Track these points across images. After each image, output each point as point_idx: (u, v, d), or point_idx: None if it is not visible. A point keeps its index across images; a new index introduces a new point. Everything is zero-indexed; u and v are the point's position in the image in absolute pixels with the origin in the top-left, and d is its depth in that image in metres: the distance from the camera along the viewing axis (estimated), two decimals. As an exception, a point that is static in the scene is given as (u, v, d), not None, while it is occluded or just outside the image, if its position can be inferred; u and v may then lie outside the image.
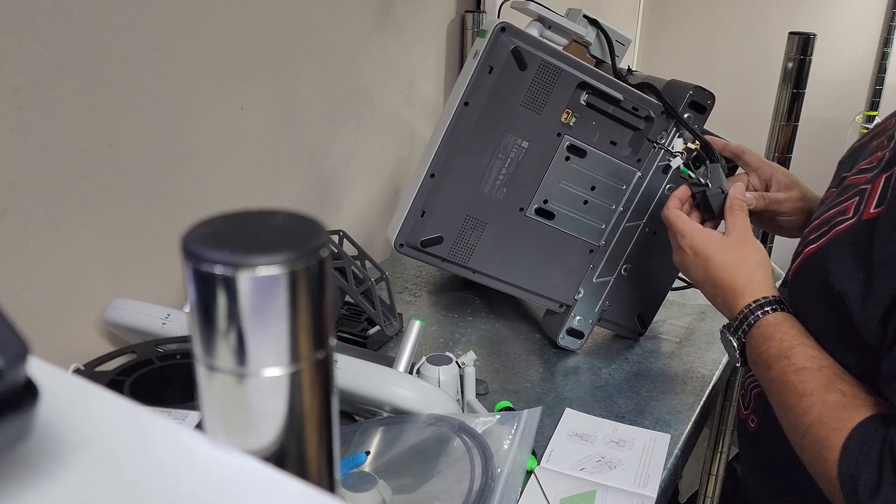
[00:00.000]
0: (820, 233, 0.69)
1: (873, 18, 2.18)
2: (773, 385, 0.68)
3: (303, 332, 0.25)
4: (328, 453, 0.28)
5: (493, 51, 0.91)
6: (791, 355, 0.67)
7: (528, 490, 0.76)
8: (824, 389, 0.63)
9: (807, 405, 0.63)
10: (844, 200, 0.69)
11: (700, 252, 0.81)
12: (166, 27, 0.91)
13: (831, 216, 0.69)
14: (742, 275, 0.77)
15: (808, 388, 0.64)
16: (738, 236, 0.82)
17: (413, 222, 0.96)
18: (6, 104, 0.76)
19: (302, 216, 0.26)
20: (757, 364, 0.72)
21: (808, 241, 0.71)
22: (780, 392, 0.67)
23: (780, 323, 0.71)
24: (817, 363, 0.66)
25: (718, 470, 1.27)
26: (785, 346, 0.68)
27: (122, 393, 0.71)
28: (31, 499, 0.22)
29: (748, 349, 0.74)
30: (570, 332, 1.05)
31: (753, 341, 0.73)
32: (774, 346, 0.69)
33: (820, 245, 0.68)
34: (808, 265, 0.70)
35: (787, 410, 0.66)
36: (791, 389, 0.65)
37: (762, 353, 0.71)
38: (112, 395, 0.27)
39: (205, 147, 1.01)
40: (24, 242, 0.81)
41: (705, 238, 0.82)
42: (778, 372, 0.67)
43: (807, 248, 0.70)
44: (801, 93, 1.22)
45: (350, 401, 0.78)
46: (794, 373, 0.66)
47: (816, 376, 0.64)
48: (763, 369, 0.70)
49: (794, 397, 0.65)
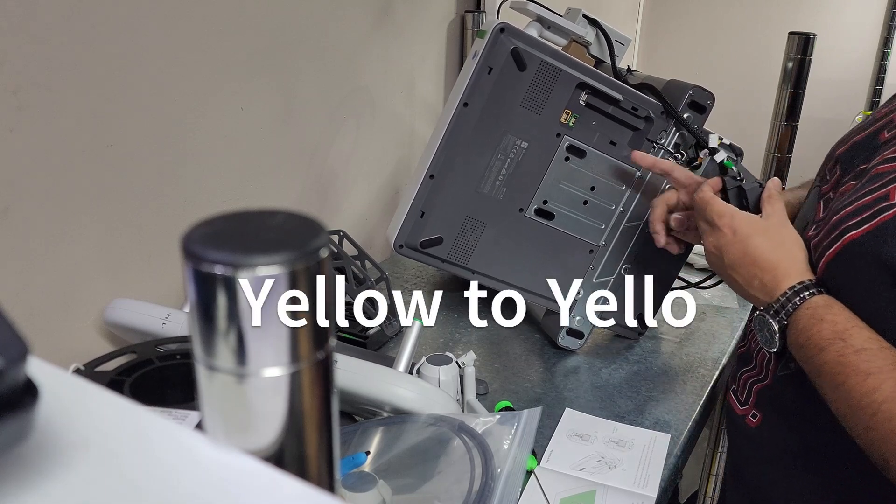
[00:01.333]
0: (860, 219, 0.69)
1: (873, 18, 2.18)
2: (826, 367, 0.67)
3: (303, 332, 0.25)
4: (328, 453, 0.28)
5: (492, 51, 0.91)
6: (847, 337, 0.66)
7: (528, 490, 0.76)
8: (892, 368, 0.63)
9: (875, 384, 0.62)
10: (880, 187, 0.69)
11: (740, 231, 0.80)
12: (166, 27, 0.91)
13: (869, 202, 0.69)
14: (784, 256, 0.76)
15: (873, 366, 0.63)
16: (779, 219, 0.81)
17: (413, 223, 0.96)
18: (6, 104, 0.76)
19: (302, 216, 0.26)
20: (805, 347, 0.70)
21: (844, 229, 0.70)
22: (836, 374, 0.66)
23: (831, 305, 0.70)
24: (877, 344, 0.65)
25: (718, 470, 1.27)
26: (839, 329, 0.67)
27: (122, 393, 0.71)
28: (31, 499, 0.22)
29: (792, 332, 0.72)
30: (570, 332, 1.05)
31: (801, 324, 0.71)
32: (827, 328, 0.68)
33: (865, 230, 0.67)
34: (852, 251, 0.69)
35: (849, 391, 0.64)
36: (853, 369, 0.64)
37: (813, 336, 0.69)
38: (112, 395, 0.27)
39: (205, 147, 1.01)
40: (24, 242, 0.81)
41: (746, 218, 0.81)
42: (834, 353, 0.66)
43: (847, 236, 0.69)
44: (801, 93, 1.22)
45: (350, 401, 0.78)
46: (854, 353, 0.65)
47: (879, 356, 0.64)
48: (815, 351, 0.69)
49: (858, 376, 0.64)
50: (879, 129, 0.77)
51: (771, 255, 0.77)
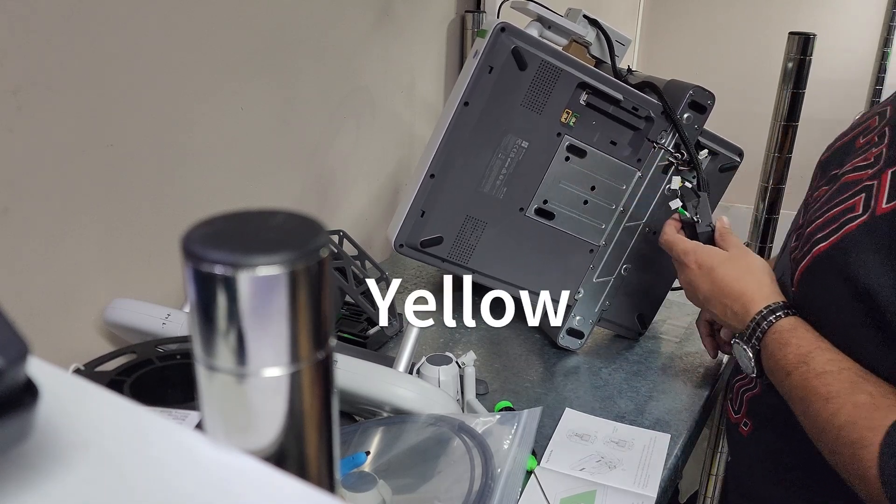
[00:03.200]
0: (828, 231, 0.69)
1: (873, 18, 2.18)
2: (794, 392, 0.68)
3: (303, 332, 0.25)
4: (328, 453, 0.28)
5: (492, 51, 0.91)
6: (809, 360, 0.67)
7: (528, 490, 0.76)
8: (850, 391, 0.63)
9: (835, 408, 0.63)
10: (848, 198, 0.68)
11: (704, 264, 0.83)
12: (166, 27, 0.91)
13: (837, 214, 0.68)
14: (750, 282, 0.78)
15: (832, 391, 0.63)
16: (739, 250, 0.84)
17: (413, 222, 0.96)
18: (6, 104, 0.76)
19: (302, 216, 0.26)
20: (775, 372, 0.71)
21: (814, 241, 0.70)
22: (803, 398, 0.66)
23: (796, 328, 0.71)
24: (837, 366, 0.65)
25: (718, 470, 1.27)
26: (803, 352, 0.68)
27: (122, 393, 0.71)
28: (31, 499, 0.22)
29: (764, 357, 0.73)
30: (570, 332, 1.05)
31: (769, 349, 0.72)
32: (792, 351, 0.69)
33: (831, 243, 0.67)
34: (819, 264, 0.69)
35: (814, 416, 0.65)
36: (814, 394, 0.65)
37: (780, 360, 0.70)
38: (112, 395, 0.27)
39: (205, 147, 1.01)
40: (24, 242, 0.81)
41: (708, 251, 0.84)
42: (798, 378, 0.67)
43: (815, 248, 0.70)
44: (801, 93, 1.21)
45: (350, 401, 0.78)
46: (815, 377, 0.65)
47: (839, 378, 0.64)
48: (783, 376, 0.69)
49: (820, 402, 0.64)
50: (857, 135, 0.77)
51: (736, 283, 0.79)
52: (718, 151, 1.05)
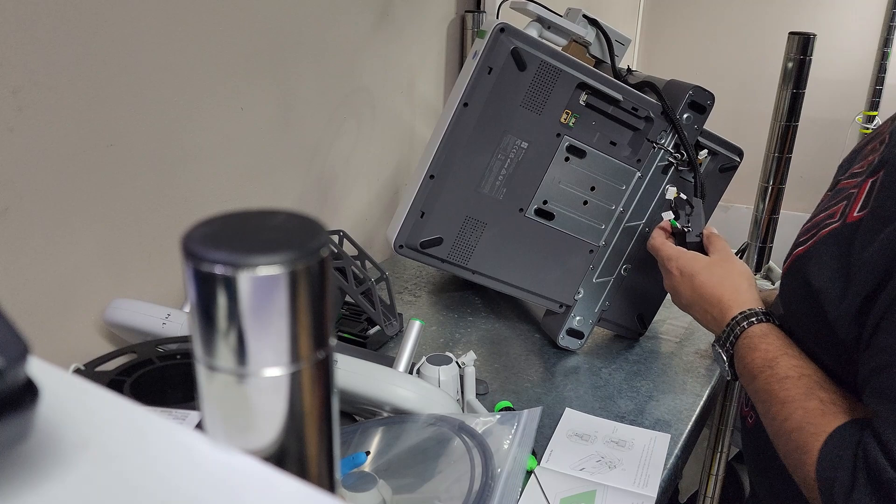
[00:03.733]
0: (808, 235, 0.71)
1: (873, 18, 2.18)
2: (758, 395, 0.70)
3: (303, 332, 0.25)
4: (328, 453, 0.28)
5: (492, 51, 0.91)
6: (774, 365, 0.69)
7: (528, 490, 0.76)
8: (804, 397, 0.65)
9: (788, 412, 0.65)
10: (834, 204, 0.71)
11: (686, 271, 0.85)
12: (166, 27, 0.91)
13: (821, 220, 0.71)
14: (728, 288, 0.80)
15: (789, 395, 0.66)
16: (722, 255, 0.86)
17: (413, 223, 0.96)
18: (6, 104, 0.76)
19: (302, 216, 0.26)
20: (743, 375, 0.74)
21: (797, 244, 0.73)
22: (764, 401, 0.69)
23: (766, 334, 0.73)
24: (798, 372, 0.67)
25: (718, 470, 1.27)
26: (769, 357, 0.70)
27: (122, 393, 0.71)
28: (31, 499, 0.22)
29: (736, 361, 0.76)
30: (570, 332, 1.05)
31: (740, 352, 0.75)
32: (759, 356, 0.71)
33: (807, 247, 0.70)
34: (794, 266, 0.72)
35: (772, 419, 0.68)
36: (774, 398, 0.67)
37: (748, 364, 0.73)
38: (112, 395, 0.27)
39: (205, 147, 1.01)
40: (24, 242, 0.81)
41: (690, 257, 0.86)
42: (763, 382, 0.70)
43: (796, 250, 0.73)
44: (801, 93, 1.21)
45: (350, 401, 0.78)
46: (776, 382, 0.68)
47: (797, 384, 0.66)
48: (749, 379, 0.72)
49: (777, 405, 0.67)
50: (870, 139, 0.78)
51: (715, 289, 0.81)
52: (718, 151, 1.05)
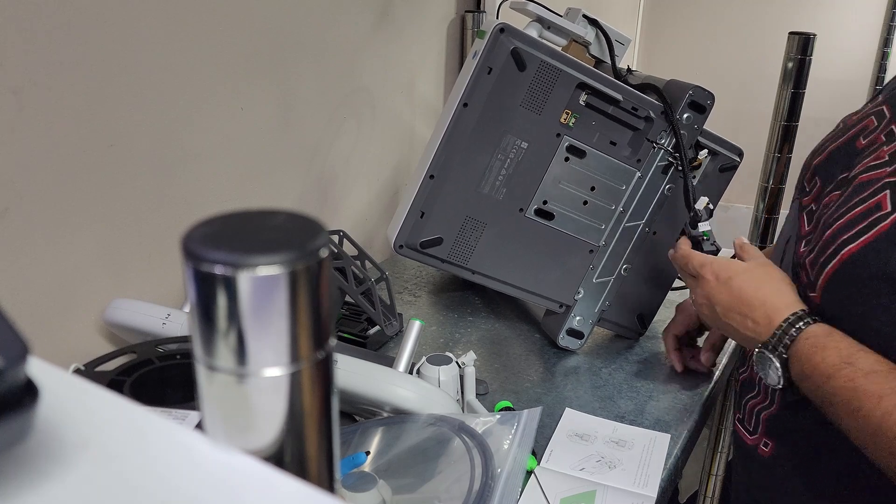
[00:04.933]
0: (855, 232, 0.67)
1: (873, 18, 2.18)
2: (838, 394, 0.66)
3: (303, 332, 0.25)
4: (328, 453, 0.28)
5: (492, 52, 0.91)
6: (854, 361, 0.65)
7: (528, 490, 0.76)
8: None
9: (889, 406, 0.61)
10: (869, 197, 0.68)
11: (722, 275, 0.80)
12: (166, 27, 0.91)
13: (860, 215, 0.68)
14: (771, 292, 0.75)
15: (885, 388, 0.62)
16: (758, 261, 0.81)
17: (413, 223, 0.96)
18: (6, 104, 0.76)
19: (302, 216, 0.26)
20: (812, 377, 0.68)
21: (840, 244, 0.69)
22: (849, 399, 0.65)
23: (831, 332, 0.69)
24: (886, 366, 0.64)
25: (718, 470, 1.27)
26: (845, 354, 0.66)
27: (122, 393, 0.71)
28: (31, 499, 0.22)
29: (795, 364, 0.70)
30: (570, 332, 1.05)
31: (803, 354, 0.70)
32: (832, 354, 0.67)
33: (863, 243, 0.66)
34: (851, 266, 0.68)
35: (865, 416, 0.63)
36: (864, 393, 0.63)
37: (818, 364, 0.68)
38: (112, 395, 0.27)
39: (205, 147, 1.01)
40: (24, 242, 0.81)
41: (726, 262, 0.81)
42: (843, 379, 0.65)
43: (844, 251, 0.68)
44: (801, 93, 1.21)
45: (350, 401, 0.78)
46: (863, 377, 0.64)
47: (890, 377, 0.63)
48: (822, 380, 0.67)
49: (872, 400, 0.62)
50: (854, 136, 0.76)
51: (757, 292, 0.76)
52: (718, 151, 1.05)
